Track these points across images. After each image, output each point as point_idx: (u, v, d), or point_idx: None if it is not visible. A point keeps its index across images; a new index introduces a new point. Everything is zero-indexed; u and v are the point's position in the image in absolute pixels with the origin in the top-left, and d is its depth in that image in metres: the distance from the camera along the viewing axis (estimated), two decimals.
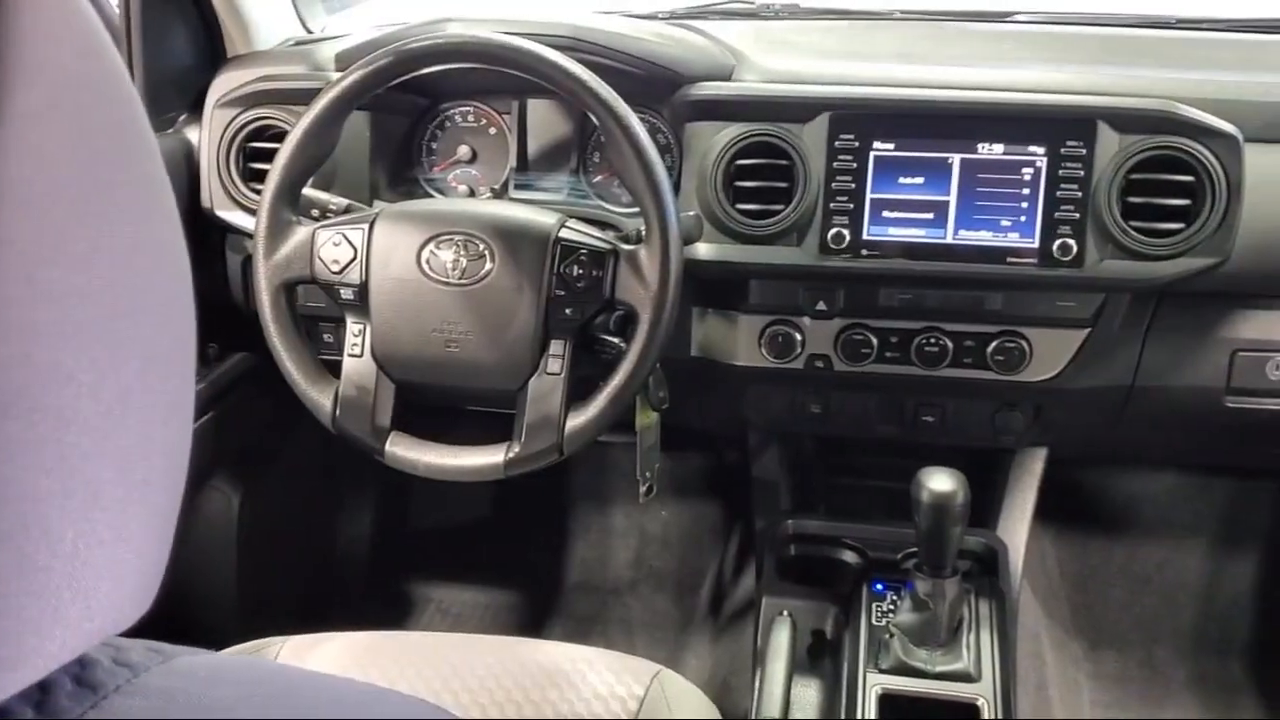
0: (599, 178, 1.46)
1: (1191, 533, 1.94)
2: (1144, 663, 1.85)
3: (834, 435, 1.63)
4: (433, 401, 1.29)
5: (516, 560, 2.10)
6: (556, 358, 1.18)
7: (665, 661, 1.18)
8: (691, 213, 1.28)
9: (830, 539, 1.55)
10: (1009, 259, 1.24)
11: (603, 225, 1.28)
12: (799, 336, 1.38)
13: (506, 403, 1.21)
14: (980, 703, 1.24)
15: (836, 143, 1.26)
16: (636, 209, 1.17)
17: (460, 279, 1.17)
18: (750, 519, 1.80)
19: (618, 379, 1.16)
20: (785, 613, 1.42)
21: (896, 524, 1.45)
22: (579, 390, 1.19)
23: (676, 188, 1.33)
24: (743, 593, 1.90)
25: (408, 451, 1.21)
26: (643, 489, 1.38)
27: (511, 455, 1.18)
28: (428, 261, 1.18)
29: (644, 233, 1.16)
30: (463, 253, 1.17)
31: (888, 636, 1.31)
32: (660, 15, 1.53)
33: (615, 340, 1.21)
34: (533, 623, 1.99)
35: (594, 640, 1.91)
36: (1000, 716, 1.22)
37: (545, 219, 1.20)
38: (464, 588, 2.05)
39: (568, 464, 2.15)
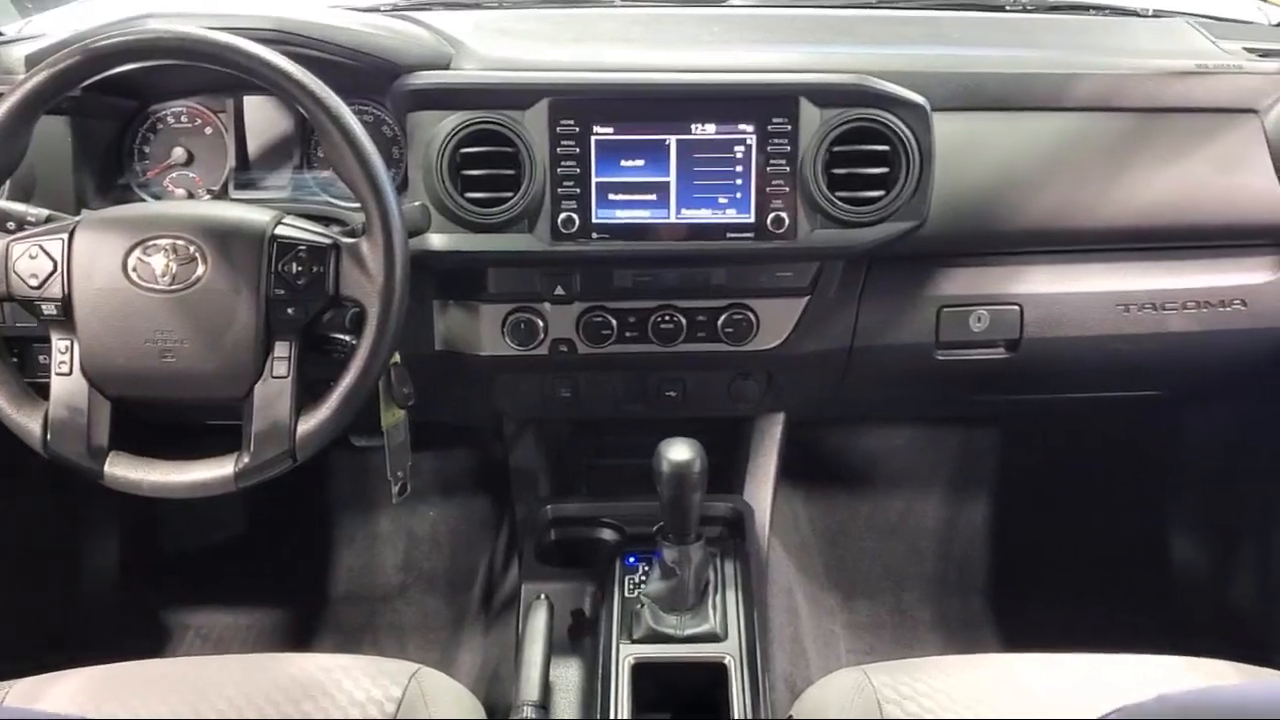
0: (325, 173, 1.42)
1: (928, 482, 2.09)
2: (894, 609, 1.97)
3: (586, 417, 1.66)
4: (157, 416, 1.23)
5: (279, 576, 2.03)
6: (282, 360, 1.14)
7: (438, 661, 1.17)
8: (417, 203, 1.27)
9: (588, 520, 1.58)
10: (728, 234, 1.29)
11: (327, 221, 1.25)
12: (541, 323, 1.40)
13: (234, 412, 1.16)
14: (727, 660, 1.28)
15: (558, 128, 1.27)
16: None
17: (171, 285, 1.12)
18: (514, 509, 1.80)
19: (349, 377, 1.13)
20: (543, 596, 1.43)
21: (652, 498, 1.49)
22: (315, 393, 1.16)
23: (405, 179, 1.32)
24: (512, 583, 1.90)
25: (129, 471, 1.14)
26: (395, 489, 1.36)
27: (241, 466, 1.13)
28: (135, 269, 1.12)
29: (366, 225, 1.14)
30: (172, 257, 1.12)
31: (639, 607, 1.34)
32: (382, 8, 1.51)
33: (346, 338, 1.19)
34: (299, 639, 1.93)
35: (365, 649, 1.87)
36: (747, 672, 1.27)
37: (258, 216, 1.16)
38: (224, 610, 1.96)
39: (326, 472, 2.11)
